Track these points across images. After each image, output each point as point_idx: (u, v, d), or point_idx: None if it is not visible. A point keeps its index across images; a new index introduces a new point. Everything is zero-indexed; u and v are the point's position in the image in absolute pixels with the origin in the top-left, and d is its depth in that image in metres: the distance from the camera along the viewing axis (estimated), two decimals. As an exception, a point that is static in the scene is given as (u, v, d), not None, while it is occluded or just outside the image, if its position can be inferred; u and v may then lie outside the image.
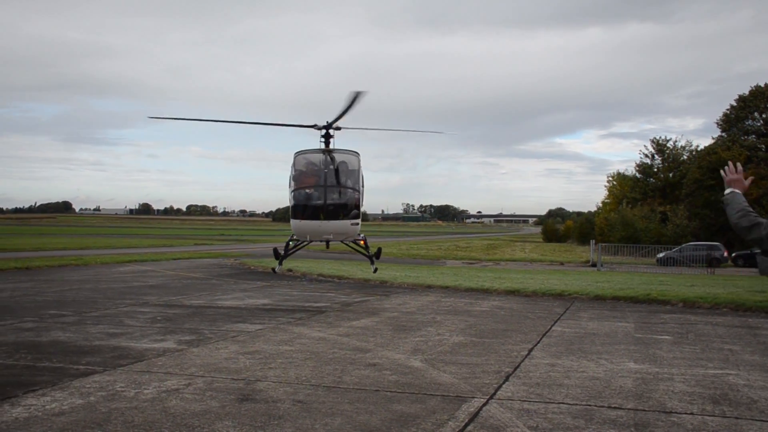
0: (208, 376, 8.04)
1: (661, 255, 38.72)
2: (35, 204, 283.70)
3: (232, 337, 10.96)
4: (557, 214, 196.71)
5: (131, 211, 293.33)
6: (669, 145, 70.18)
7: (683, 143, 70.64)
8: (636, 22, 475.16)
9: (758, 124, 60.89)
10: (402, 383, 7.81)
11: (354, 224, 15.66)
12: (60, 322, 12.31)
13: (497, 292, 18.74)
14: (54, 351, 9.47)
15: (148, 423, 6.11)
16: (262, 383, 7.70)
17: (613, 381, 8.11)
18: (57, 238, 60.46)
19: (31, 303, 15.07)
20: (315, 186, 15.56)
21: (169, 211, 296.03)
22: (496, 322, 13.21)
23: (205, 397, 7.02)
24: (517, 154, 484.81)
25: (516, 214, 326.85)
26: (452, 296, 18.12)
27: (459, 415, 6.53)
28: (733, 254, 42.20)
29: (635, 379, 8.22)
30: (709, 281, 23.20)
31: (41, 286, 18.89)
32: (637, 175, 72.35)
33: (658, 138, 71.15)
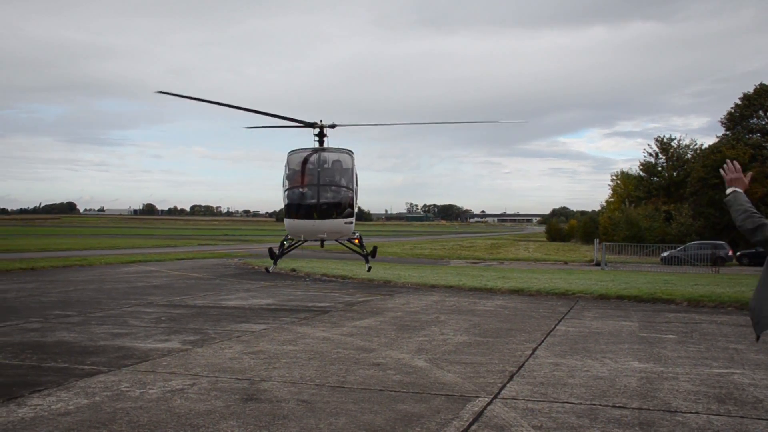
0: (212, 376, 8.06)
1: (666, 254, 38.60)
2: (40, 205, 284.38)
3: (237, 337, 10.98)
4: (561, 214, 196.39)
5: (135, 212, 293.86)
6: (673, 144, 70.02)
7: (687, 142, 70.61)
8: (639, 21, 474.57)
9: (763, 123, 60.68)
10: (406, 383, 7.81)
11: (348, 223, 15.60)
12: (65, 322, 12.35)
13: (501, 292, 18.73)
14: (59, 351, 9.51)
15: (153, 423, 6.13)
16: (267, 383, 7.71)
17: (618, 380, 8.10)
18: (61, 239, 60.61)
19: (36, 303, 15.12)
20: (308, 185, 15.48)
21: (173, 212, 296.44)
22: (500, 321, 13.20)
23: (209, 397, 7.04)
24: (521, 154, 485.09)
25: (520, 214, 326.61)
26: (456, 296, 18.11)
27: (463, 414, 6.53)
28: (738, 253, 42.07)
29: (640, 379, 8.21)
30: (713, 280, 23.15)
31: (46, 287, 18.95)
32: (641, 174, 72.16)
33: (662, 137, 70.94)
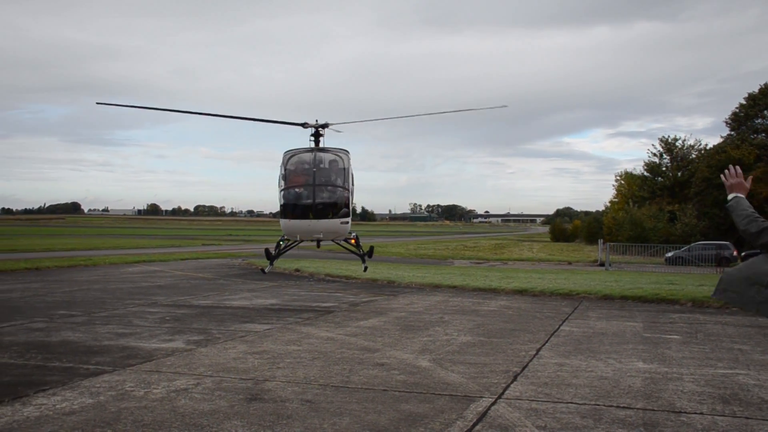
0: (216, 375, 8.07)
1: (670, 254, 38.53)
2: (44, 205, 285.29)
3: (241, 337, 11.00)
4: (565, 214, 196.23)
5: (139, 212, 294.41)
6: (678, 144, 69.85)
7: (692, 142, 70.29)
8: (643, 21, 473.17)
9: (768, 123, 60.56)
10: (410, 383, 7.81)
11: (344, 223, 15.55)
12: (69, 322, 12.38)
13: (505, 292, 18.71)
14: (64, 351, 9.54)
15: (158, 422, 6.14)
16: (271, 383, 7.72)
17: (622, 381, 8.09)
18: (66, 239, 60.80)
19: (41, 303, 15.17)
20: (304, 185, 15.43)
21: (177, 212, 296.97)
22: (504, 321, 13.19)
23: (213, 397, 7.05)
24: (525, 154, 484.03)
25: (523, 214, 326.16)
26: (460, 296, 18.10)
27: (467, 414, 6.53)
28: (743, 253, 41.86)
29: (644, 379, 8.20)
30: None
31: (51, 287, 19.01)
32: (646, 174, 72.03)
33: (667, 137, 70.78)
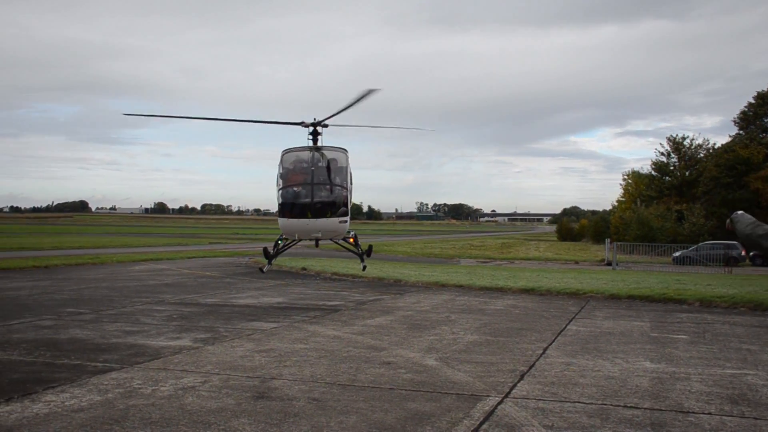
0: (223, 373, 8.10)
1: (677, 254, 38.37)
2: (52, 203, 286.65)
3: (248, 335, 11.02)
4: (572, 213, 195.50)
5: (146, 210, 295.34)
6: (685, 143, 69.50)
7: (700, 141, 69.81)
8: (651, 19, 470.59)
9: (777, 122, 60.20)
10: (417, 382, 7.82)
11: (342, 222, 15.47)
12: (78, 319, 12.45)
13: (512, 291, 18.69)
14: (72, 348, 9.59)
15: (165, 420, 6.16)
16: (278, 381, 7.74)
17: (629, 380, 8.07)
18: (74, 237, 61.07)
19: (50, 301, 15.25)
20: (302, 184, 15.33)
21: (184, 210, 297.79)
22: (511, 320, 13.18)
23: (221, 395, 7.08)
24: (532, 153, 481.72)
25: (530, 213, 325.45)
26: (466, 295, 18.09)
27: (474, 413, 6.53)
28: (751, 253, 41.72)
29: (651, 379, 8.17)
30: (726, 280, 22.99)
31: (59, 285, 19.10)
32: (653, 173, 71.71)
33: (675, 136, 70.36)
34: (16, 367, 8.33)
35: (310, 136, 16.37)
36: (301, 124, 16.35)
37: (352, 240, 17.10)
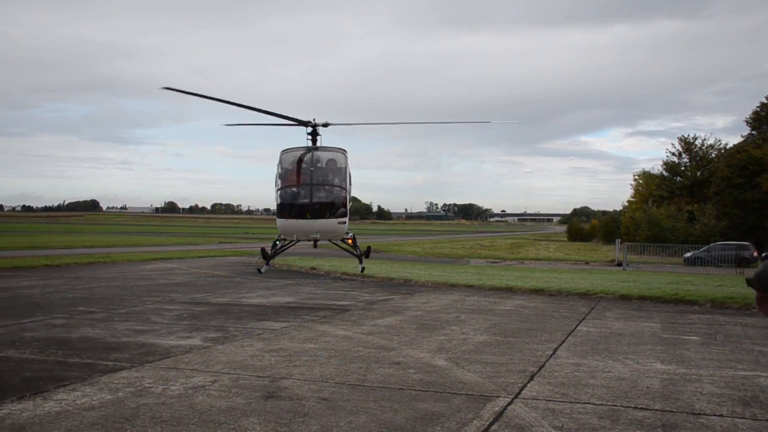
0: (233, 373, 8.12)
1: (688, 255, 38.16)
2: (64, 202, 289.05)
3: (257, 334, 11.05)
4: (582, 213, 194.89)
5: (157, 210, 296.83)
6: (697, 143, 69.07)
7: (712, 141, 69.39)
8: (663, 19, 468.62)
9: (790, 122, 59.70)
10: (426, 382, 7.81)
11: (341, 223, 15.39)
12: (89, 318, 12.52)
13: (521, 291, 18.64)
14: (83, 347, 9.64)
15: (176, 419, 6.19)
16: (287, 381, 7.76)
17: (640, 381, 8.03)
18: (85, 236, 61.45)
19: (61, 300, 15.34)
20: (301, 184, 15.26)
21: (195, 210, 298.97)
22: (521, 321, 13.15)
23: (230, 394, 7.10)
24: (542, 153, 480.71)
25: (540, 213, 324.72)
26: (476, 295, 18.06)
27: (484, 414, 6.52)
28: (763, 254, 41.24)
29: (662, 380, 8.13)
30: (738, 281, 22.82)
31: (70, 283, 19.23)
32: (664, 173, 71.33)
33: (686, 136, 69.96)
34: (28, 365, 8.39)
35: (309, 137, 16.28)
36: (307, 124, 16.28)
37: (350, 241, 16.99)
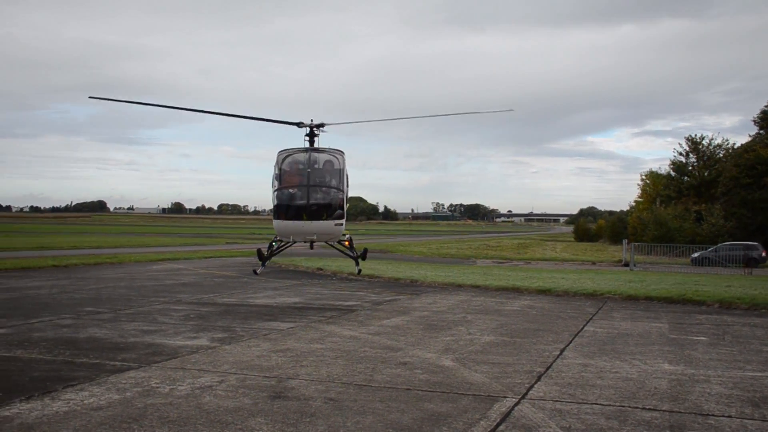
0: (240, 373, 8.13)
1: (696, 255, 37.96)
2: (71, 203, 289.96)
3: (264, 335, 11.07)
4: (589, 213, 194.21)
5: (164, 210, 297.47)
6: (704, 143, 68.74)
7: (719, 141, 69.03)
8: (670, 18, 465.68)
9: (798, 121, 59.28)
10: (433, 382, 7.80)
11: (338, 225, 15.30)
12: (96, 319, 12.56)
13: (528, 292, 18.60)
14: (91, 347, 9.68)
15: (183, 419, 6.20)
16: (294, 381, 7.76)
17: (648, 382, 8.00)
18: (92, 237, 61.68)
19: (69, 300, 15.41)
20: (298, 186, 15.21)
21: (201, 210, 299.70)
22: (528, 321, 13.12)
23: (238, 394, 7.11)
24: (548, 153, 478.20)
25: (547, 214, 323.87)
26: (483, 295, 18.04)
27: (491, 414, 6.51)
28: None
29: (670, 381, 8.10)
30: (746, 282, 22.72)
31: (78, 284, 19.30)
32: (672, 173, 71.03)
33: (693, 136, 69.64)
34: (37, 365, 8.43)
35: (306, 138, 16.21)
36: (299, 124, 16.20)
37: (347, 243, 16.90)
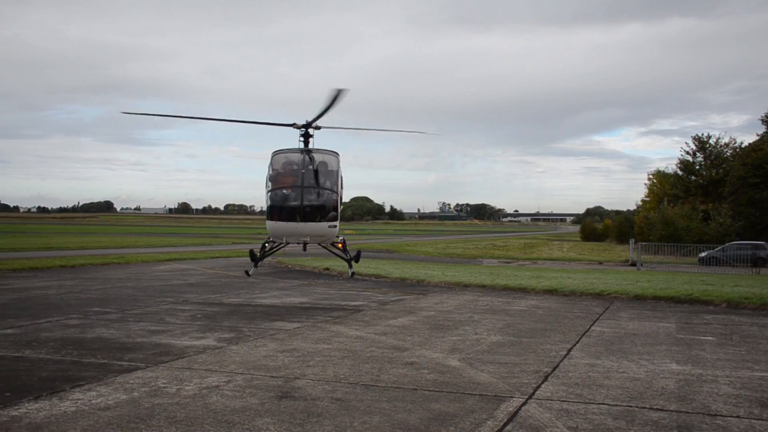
0: (247, 373, 8.15)
1: (703, 254, 37.80)
2: (78, 203, 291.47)
3: (271, 335, 11.08)
4: (595, 213, 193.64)
5: (170, 210, 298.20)
6: (711, 142, 68.43)
7: (726, 140, 68.72)
8: (677, 17, 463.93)
9: (805, 120, 58.97)
10: (440, 382, 7.80)
11: (332, 226, 15.18)
12: (103, 319, 12.61)
13: (535, 291, 18.57)
14: (98, 347, 9.71)
15: (190, 419, 6.22)
16: (301, 381, 7.77)
17: (655, 382, 7.97)
18: (99, 237, 61.93)
19: (76, 300, 15.46)
20: (292, 187, 15.09)
21: (208, 210, 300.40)
22: (534, 321, 13.09)
23: (244, 394, 7.12)
24: (555, 153, 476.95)
25: (553, 213, 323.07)
26: (489, 295, 18.01)
27: (498, 414, 6.50)
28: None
29: (678, 381, 8.07)
30: (754, 281, 22.61)
31: (85, 284, 19.37)
32: (679, 171, 70.76)
33: (700, 135, 69.30)
34: (45, 365, 8.47)
35: (301, 139, 16.11)
36: (294, 125, 16.13)
37: (340, 245, 16.80)
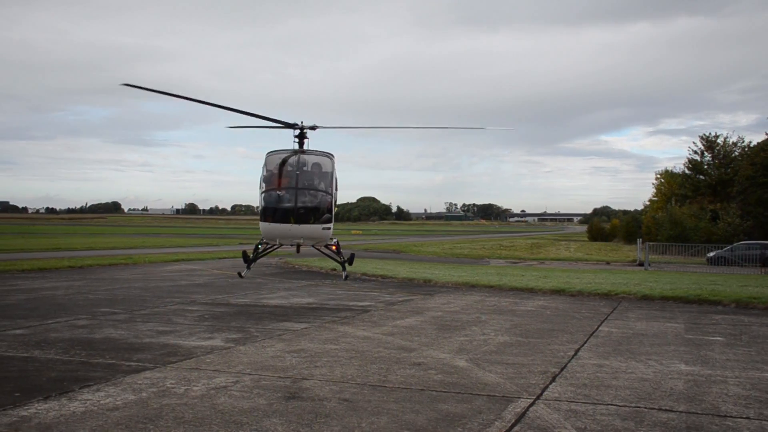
0: (255, 374, 8.16)
1: (712, 254, 37.61)
2: (86, 204, 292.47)
3: (278, 335, 11.10)
4: (603, 213, 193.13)
5: (178, 211, 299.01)
6: (719, 142, 68.09)
7: (735, 139, 68.34)
8: (685, 17, 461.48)
9: (814, 119, 58.64)
10: (447, 383, 7.79)
11: (326, 228, 15.16)
12: (112, 319, 12.65)
13: (542, 292, 18.53)
14: (107, 348, 9.75)
15: (198, 419, 6.23)
16: (309, 381, 7.78)
17: (664, 383, 7.94)
18: (107, 238, 62.14)
19: (84, 301, 15.53)
20: (286, 188, 15.09)
21: (215, 211, 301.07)
22: (542, 321, 13.06)
23: (252, 395, 7.13)
24: (562, 152, 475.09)
25: (560, 213, 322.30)
26: (496, 295, 17.98)
27: (505, 415, 6.49)
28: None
29: (686, 381, 8.03)
30: (763, 281, 22.49)
31: (93, 285, 19.45)
32: (687, 171, 70.45)
33: (708, 134, 69.00)
34: (53, 365, 8.50)
35: (296, 139, 16.07)
36: (294, 126, 16.05)
37: (334, 247, 16.76)
